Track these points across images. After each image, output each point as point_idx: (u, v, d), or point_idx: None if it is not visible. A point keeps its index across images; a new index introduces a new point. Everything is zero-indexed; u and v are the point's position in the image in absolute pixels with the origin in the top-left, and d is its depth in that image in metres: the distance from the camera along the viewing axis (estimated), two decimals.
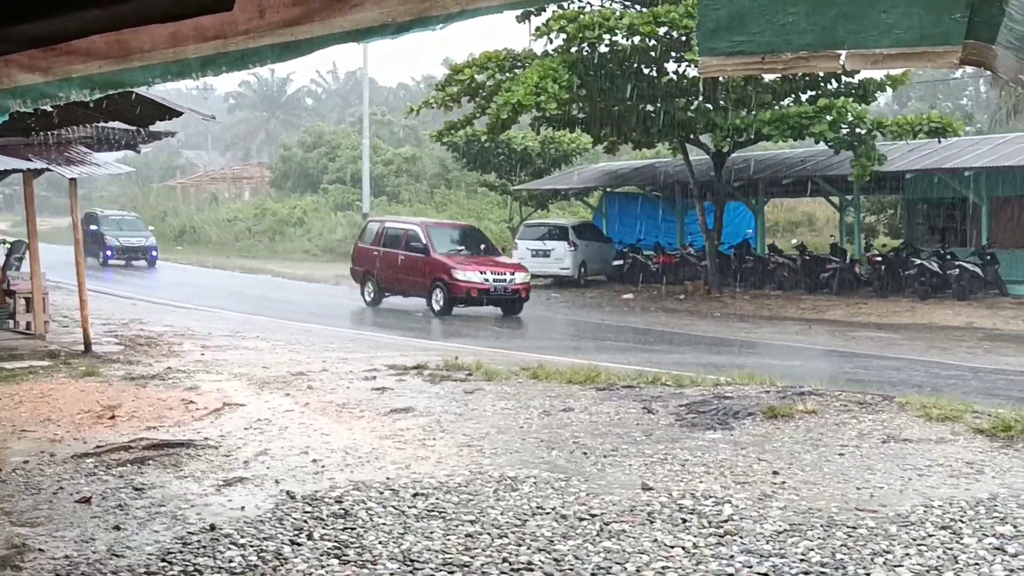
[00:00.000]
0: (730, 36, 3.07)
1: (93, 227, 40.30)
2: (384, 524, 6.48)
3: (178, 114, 9.50)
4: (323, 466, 8.05)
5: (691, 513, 6.64)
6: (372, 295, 26.45)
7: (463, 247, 25.94)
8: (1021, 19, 2.93)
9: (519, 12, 25.24)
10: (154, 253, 41.54)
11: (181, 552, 5.95)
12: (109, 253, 40.58)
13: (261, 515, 6.69)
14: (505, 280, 24.52)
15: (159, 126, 10.82)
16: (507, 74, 27.06)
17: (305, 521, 6.54)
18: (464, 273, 24.17)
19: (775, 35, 3.03)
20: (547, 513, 6.68)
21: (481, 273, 24.21)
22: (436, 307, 24.42)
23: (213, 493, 7.28)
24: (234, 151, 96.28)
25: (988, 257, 26.39)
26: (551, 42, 26.64)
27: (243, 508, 6.86)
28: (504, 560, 5.80)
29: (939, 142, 27.65)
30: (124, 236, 41.47)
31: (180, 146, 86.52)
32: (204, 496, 7.20)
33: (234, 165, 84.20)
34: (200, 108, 15.36)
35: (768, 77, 26.61)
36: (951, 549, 5.86)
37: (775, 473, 7.68)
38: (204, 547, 6.03)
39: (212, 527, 6.41)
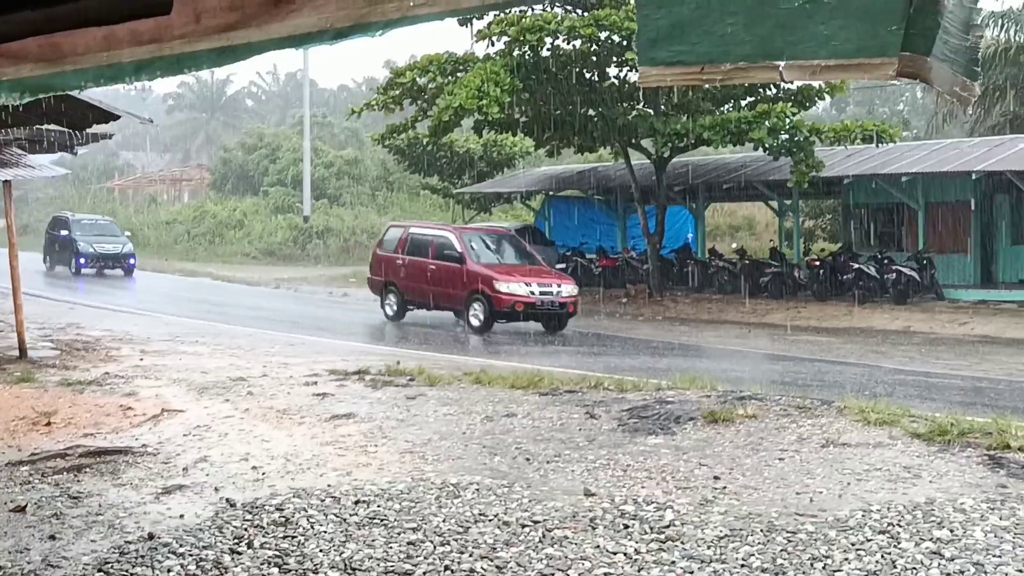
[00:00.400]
0: (669, 46, 3.07)
1: (63, 232, 37.62)
2: (325, 532, 6.42)
3: (115, 117, 9.38)
4: (263, 473, 7.97)
5: (633, 519, 6.65)
6: (394, 308, 24.22)
7: (499, 256, 23.76)
8: (955, 32, 2.96)
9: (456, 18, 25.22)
10: (132, 261, 38.03)
11: (118, 562, 5.86)
12: (83, 261, 37.06)
13: (200, 523, 6.60)
14: (552, 293, 22.28)
15: (96, 128, 10.68)
16: (449, 77, 27.04)
17: (245, 529, 6.47)
18: (508, 285, 21.86)
19: (714, 45, 3.04)
20: (489, 520, 6.66)
21: (526, 285, 21.97)
22: (474, 323, 22.13)
23: (151, 501, 7.19)
24: (173, 153, 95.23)
25: (925, 262, 26.78)
26: (493, 45, 26.68)
27: (182, 516, 6.78)
28: (446, 568, 5.77)
29: (877, 147, 28.01)
30: (99, 242, 37.60)
31: (118, 148, 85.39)
32: (142, 504, 7.10)
33: (173, 167, 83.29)
34: (138, 109, 15.19)
35: (708, 85, 26.76)
36: (889, 553, 5.92)
37: (716, 478, 7.71)
38: (142, 556, 5.95)
39: (150, 536, 6.32)
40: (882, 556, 5.88)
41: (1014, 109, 35.26)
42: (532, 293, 21.88)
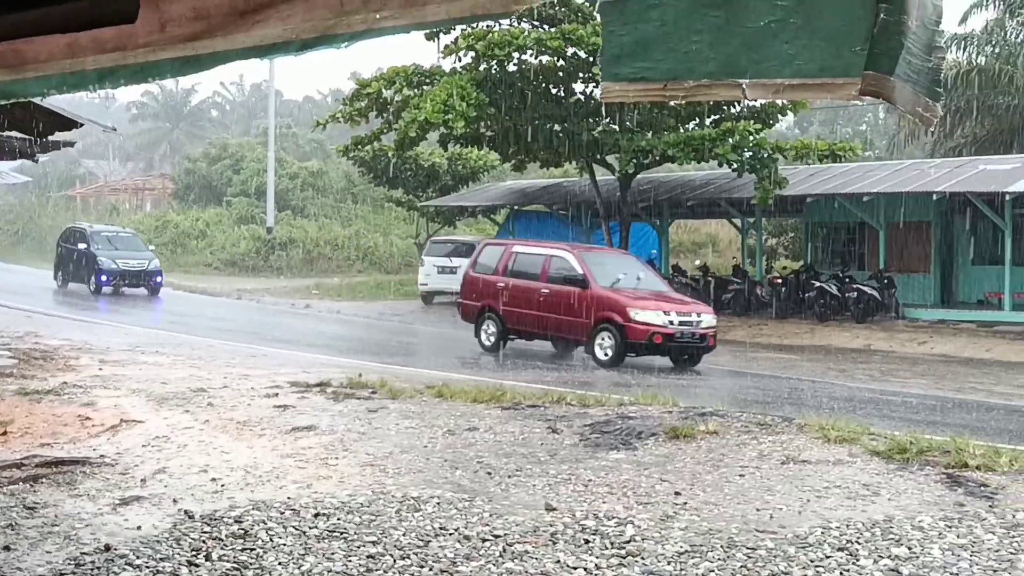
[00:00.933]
0: (633, 63, 3.10)
1: (81, 246, 33.69)
2: (284, 545, 6.38)
3: (77, 125, 9.31)
4: (223, 485, 7.91)
5: (594, 534, 6.65)
6: (493, 338, 21.31)
7: (627, 278, 20.63)
8: (918, 53, 3.00)
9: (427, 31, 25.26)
10: (159, 279, 33.76)
11: (74, 573, 5.79)
12: (104, 279, 32.75)
13: (158, 535, 6.54)
14: (691, 322, 19.38)
15: (58, 135, 10.58)
16: (415, 90, 27.05)
17: (203, 541, 6.42)
18: (643, 313, 18.94)
19: (678, 63, 3.06)
20: (450, 534, 6.64)
21: (664, 313, 19.04)
22: (602, 356, 19.11)
23: (109, 512, 7.11)
24: (136, 162, 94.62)
25: (885, 281, 27.02)
26: (460, 60, 26.72)
27: (139, 528, 6.71)
28: None
29: (839, 161, 28.25)
30: (122, 257, 33.24)
31: (80, 155, 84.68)
32: (99, 515, 7.02)
33: (136, 176, 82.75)
34: (101, 117, 15.08)
35: (672, 102, 26.94)
36: (848, 571, 5.95)
37: (677, 494, 7.73)
38: (98, 568, 5.88)
39: (107, 547, 6.25)
40: (841, 573, 5.92)
41: (975, 131, 35.66)
42: (671, 323, 19.01)
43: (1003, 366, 20.64)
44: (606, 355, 19.01)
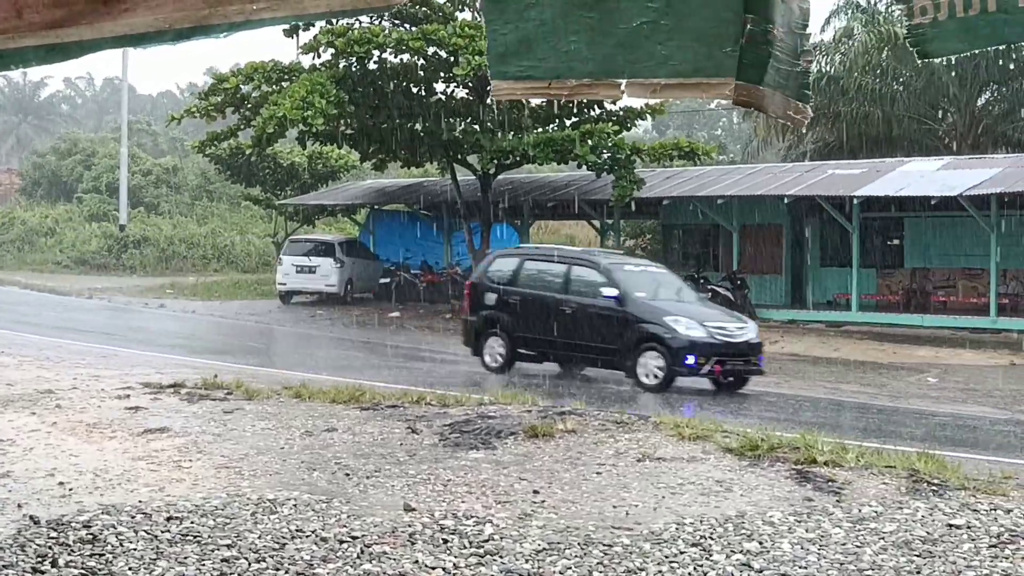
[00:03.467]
0: (518, 61, 3.15)
1: None
2: (135, 549, 6.21)
3: None
4: (71, 489, 7.66)
5: (452, 533, 6.64)
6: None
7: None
8: (786, 59, 3.09)
9: (287, 26, 24.96)
10: None
11: None
12: None
13: (1, 541, 6.30)
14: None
15: None
16: (274, 86, 26.70)
17: (50, 547, 6.21)
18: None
19: (559, 62, 3.12)
20: (307, 536, 6.56)
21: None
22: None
23: None
24: None
25: (739, 282, 27.65)
26: (319, 56, 26.48)
27: None
28: None
29: (695, 164, 28.86)
30: None
31: None
32: None
33: None
34: None
35: (535, 102, 27.25)
36: (701, 566, 6.06)
37: (535, 492, 7.77)
38: None
39: None
40: (694, 568, 6.02)
41: (824, 137, 36.74)
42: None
43: (850, 364, 21.32)
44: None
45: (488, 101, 28.13)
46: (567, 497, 7.66)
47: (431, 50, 25.67)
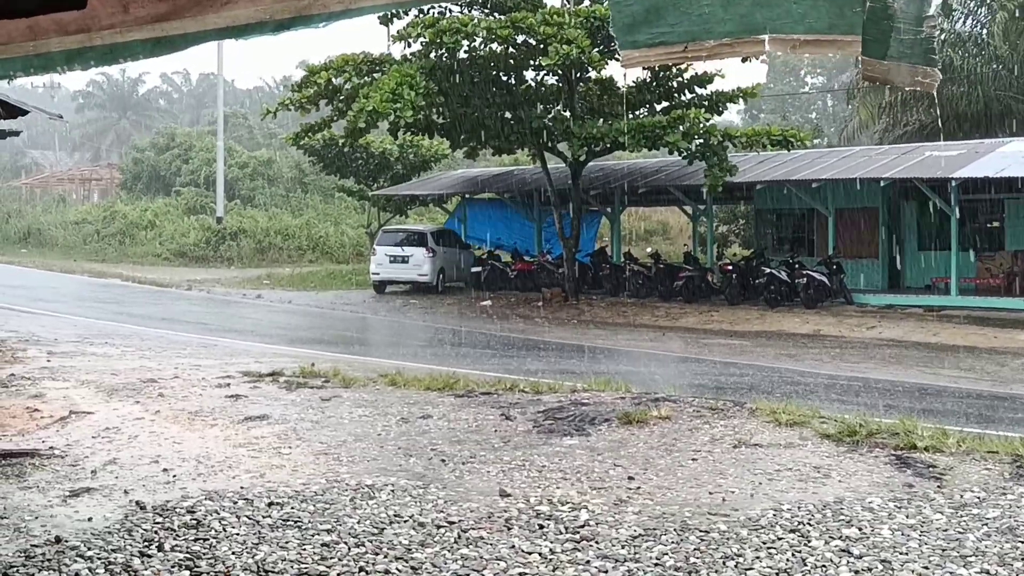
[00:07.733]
0: (649, 28, 3.22)
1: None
2: (238, 534, 6.35)
3: (23, 112, 9.19)
4: (174, 475, 7.85)
5: (548, 519, 6.67)
6: None
7: None
8: (909, 28, 3.12)
9: (381, 15, 25.14)
10: None
11: (24, 566, 5.72)
12: None
13: (109, 526, 6.48)
14: None
15: (2, 124, 10.45)
16: (365, 77, 26.89)
17: (155, 532, 6.37)
18: None
19: (694, 24, 3.20)
20: (405, 521, 6.64)
21: None
22: None
23: (59, 504, 7.04)
24: (83, 152, 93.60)
25: (834, 266, 27.25)
26: (410, 46, 26.62)
27: (90, 519, 6.65)
28: (361, 569, 5.73)
29: (788, 150, 28.46)
30: None
31: (25, 145, 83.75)
32: (49, 507, 6.95)
33: (83, 166, 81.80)
34: (47, 106, 14.89)
35: (629, 83, 27.19)
36: (799, 552, 6.01)
37: (630, 478, 7.76)
38: (49, 560, 5.82)
39: (57, 539, 6.19)
40: (793, 554, 5.97)
41: (920, 119, 36.02)
42: None
43: (950, 350, 20.89)
44: None
45: (579, 88, 28.09)
46: (662, 483, 7.65)
47: (520, 38, 25.65)
